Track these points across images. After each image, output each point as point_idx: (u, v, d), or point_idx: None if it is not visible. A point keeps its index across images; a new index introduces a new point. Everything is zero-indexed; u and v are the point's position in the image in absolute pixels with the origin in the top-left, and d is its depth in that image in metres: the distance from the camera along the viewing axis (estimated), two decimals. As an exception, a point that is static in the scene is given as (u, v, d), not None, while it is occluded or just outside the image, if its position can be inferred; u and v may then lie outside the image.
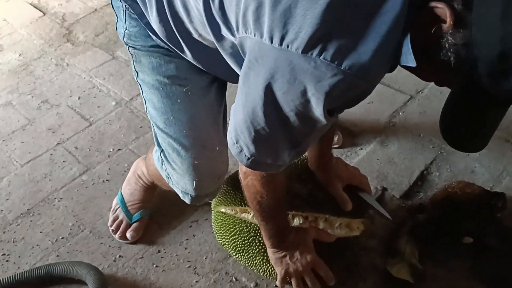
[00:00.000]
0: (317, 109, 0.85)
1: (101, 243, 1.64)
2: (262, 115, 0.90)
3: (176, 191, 1.42)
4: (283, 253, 1.30)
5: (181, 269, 1.54)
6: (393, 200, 1.69)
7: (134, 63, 1.27)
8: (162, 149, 1.35)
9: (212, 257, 1.57)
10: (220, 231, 1.46)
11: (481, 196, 1.58)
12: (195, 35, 1.09)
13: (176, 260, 1.57)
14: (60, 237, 1.66)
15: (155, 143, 1.38)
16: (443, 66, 0.80)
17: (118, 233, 1.61)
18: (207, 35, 1.05)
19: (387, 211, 1.63)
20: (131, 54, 1.27)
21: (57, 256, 1.60)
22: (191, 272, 1.53)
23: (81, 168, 1.90)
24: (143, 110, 1.67)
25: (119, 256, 1.60)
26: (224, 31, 0.96)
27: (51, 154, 1.96)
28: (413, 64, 0.81)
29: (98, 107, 2.17)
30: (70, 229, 1.69)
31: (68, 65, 2.42)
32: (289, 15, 0.79)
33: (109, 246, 1.63)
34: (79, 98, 2.22)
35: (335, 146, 1.87)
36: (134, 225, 1.61)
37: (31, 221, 1.72)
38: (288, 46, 0.80)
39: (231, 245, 1.42)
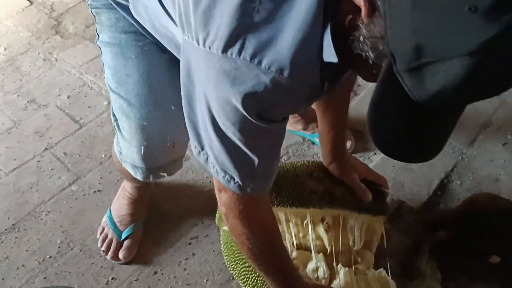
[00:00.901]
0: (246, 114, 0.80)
1: (92, 263, 1.50)
2: (213, 131, 0.86)
3: (127, 168, 1.24)
4: None
5: (180, 293, 1.41)
6: (411, 213, 1.55)
7: (97, 25, 1.19)
8: (116, 118, 1.21)
9: (214, 279, 1.43)
10: (226, 251, 1.32)
11: (508, 210, 1.44)
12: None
13: (174, 283, 1.44)
14: (48, 256, 1.53)
15: (111, 113, 1.23)
16: (365, 63, 0.68)
17: (109, 253, 1.48)
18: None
19: (404, 226, 1.50)
20: (94, 16, 1.18)
21: (44, 278, 1.47)
22: (191, 296, 1.40)
23: (71, 176, 1.75)
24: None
25: (112, 278, 1.46)
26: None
27: (38, 161, 1.81)
28: (334, 59, 0.74)
29: (89, 107, 2.01)
30: (59, 247, 1.55)
31: (56, 60, 2.25)
32: (209, 15, 0.77)
33: (101, 266, 1.49)
34: (68, 97, 2.06)
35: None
36: (125, 243, 1.48)
37: (16, 237, 1.58)
38: (210, 48, 0.77)
39: (238, 272, 1.28)
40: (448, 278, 1.38)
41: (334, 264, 1.25)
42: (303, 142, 1.81)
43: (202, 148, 0.92)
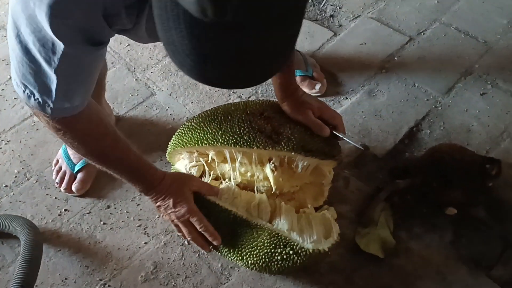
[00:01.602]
0: (48, 31, 0.81)
1: (46, 194, 1.49)
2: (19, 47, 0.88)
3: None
4: (156, 202, 1.22)
5: (130, 228, 1.40)
6: (373, 160, 1.50)
7: None
8: None
9: (166, 216, 1.42)
10: None
11: (472, 162, 1.38)
12: None
13: (126, 218, 1.43)
14: (4, 185, 1.52)
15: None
16: None
17: (62, 185, 1.46)
18: None
19: (365, 173, 1.46)
20: None
21: (-1, 206, 1.47)
22: (141, 232, 1.40)
23: (33, 107, 1.71)
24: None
25: (65, 210, 1.46)
26: None
27: (2, 90, 1.77)
28: None
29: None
30: (15, 177, 1.54)
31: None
32: None
33: (55, 198, 1.48)
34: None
35: (317, 94, 1.65)
36: (79, 176, 1.46)
37: (-26, 165, 1.57)
38: None
39: None
40: (400, 228, 1.35)
41: (277, 202, 1.23)
42: (273, 82, 1.74)
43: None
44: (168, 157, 1.37)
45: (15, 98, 1.74)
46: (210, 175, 1.29)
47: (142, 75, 1.79)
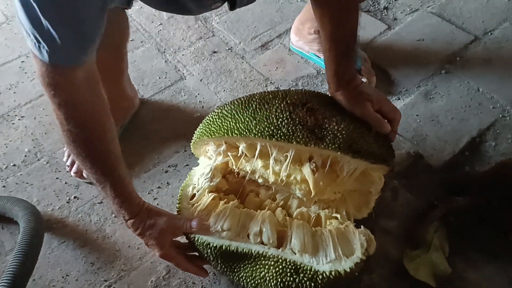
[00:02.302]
0: None
1: (56, 178, 1.35)
2: None
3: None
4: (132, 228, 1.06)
5: (144, 224, 1.24)
6: (427, 172, 1.30)
7: None
8: None
9: (185, 214, 1.25)
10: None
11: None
12: None
13: (140, 212, 1.27)
14: (12, 163, 1.38)
15: None
16: None
17: (73, 169, 1.32)
18: None
19: (417, 185, 1.26)
20: None
21: (3, 186, 1.33)
22: (155, 229, 1.23)
23: (53, 82, 1.58)
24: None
25: (74, 197, 1.30)
26: None
27: (22, 62, 1.65)
28: None
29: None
30: (25, 156, 1.40)
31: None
32: None
33: (65, 183, 1.33)
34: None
35: (365, 91, 1.45)
36: None
37: (-17, 139, 1.44)
38: None
39: None
40: (456, 253, 1.14)
41: (288, 219, 1.06)
42: (316, 75, 1.55)
43: None
44: (192, 147, 1.21)
45: (34, 72, 1.60)
46: (229, 173, 1.15)
47: (173, 57, 1.64)
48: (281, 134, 1.00)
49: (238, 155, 1.11)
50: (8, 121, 1.48)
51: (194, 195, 1.12)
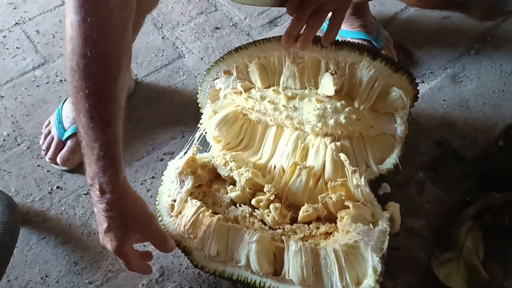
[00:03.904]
0: None
1: (38, 165, 1.19)
2: None
3: None
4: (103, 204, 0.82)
5: (136, 219, 1.09)
6: (457, 163, 1.15)
7: None
8: None
9: (182, 208, 1.10)
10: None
11: None
12: None
13: (131, 205, 1.12)
14: (-12, 149, 1.23)
15: None
16: None
17: (48, 153, 1.17)
18: None
19: (446, 179, 1.11)
20: None
21: (-22, 174, 1.18)
22: (148, 225, 1.08)
23: (37, 59, 1.42)
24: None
25: (57, 188, 1.15)
26: None
27: (4, 36, 1.48)
28: None
29: (77, -19, 1.63)
30: (3, 140, 1.24)
31: None
32: None
33: (48, 171, 1.18)
34: (55, -33, 1.69)
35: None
36: (68, 144, 1.16)
37: (-43, 121, 1.29)
38: None
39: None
40: (494, 258, 1.00)
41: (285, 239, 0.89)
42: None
43: None
44: (199, 95, 1.10)
45: (17, 48, 1.45)
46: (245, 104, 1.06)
47: (170, 33, 1.47)
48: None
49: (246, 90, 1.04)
50: (-15, 102, 1.33)
51: (173, 205, 0.97)
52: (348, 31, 1.33)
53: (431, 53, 1.37)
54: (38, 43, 1.46)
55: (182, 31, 1.48)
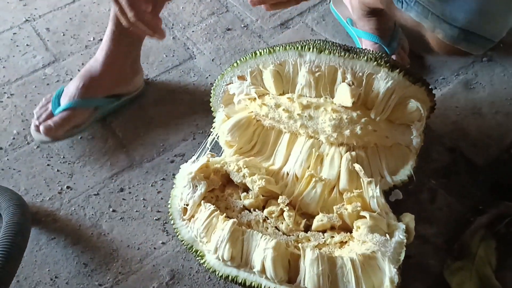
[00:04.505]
0: None
1: (48, 165, 1.19)
2: None
3: None
4: None
5: (146, 221, 1.09)
6: (470, 171, 1.14)
7: None
8: None
9: (193, 211, 1.10)
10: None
11: None
12: None
13: (142, 207, 1.11)
14: (-2, 147, 1.23)
15: None
16: None
17: (34, 120, 1.17)
18: None
19: (458, 186, 1.10)
20: None
21: (-13, 173, 1.18)
22: (159, 228, 1.08)
23: (48, 57, 1.41)
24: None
25: (67, 188, 1.15)
26: None
27: (14, 33, 1.48)
28: None
29: (87, -21, 1.63)
30: (13, 139, 1.24)
31: None
32: None
33: (58, 170, 1.18)
34: (66, -36, 1.68)
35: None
36: (55, 116, 1.16)
37: (-33, 118, 1.28)
38: None
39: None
40: (506, 267, 0.99)
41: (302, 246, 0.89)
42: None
43: None
44: (212, 99, 1.10)
45: (27, 45, 1.44)
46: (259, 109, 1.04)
47: (181, 34, 1.47)
48: (313, 45, 0.94)
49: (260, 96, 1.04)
50: (-5, 99, 1.32)
51: (185, 208, 0.97)
52: (360, 31, 1.32)
53: (443, 59, 1.36)
54: (48, 40, 1.45)
55: (193, 31, 1.47)
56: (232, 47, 1.43)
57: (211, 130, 1.10)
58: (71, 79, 1.36)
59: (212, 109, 1.12)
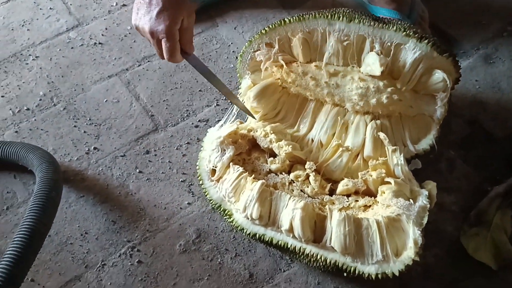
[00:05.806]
0: None
1: (75, 126, 1.22)
2: None
3: None
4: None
5: (172, 183, 1.12)
6: (487, 143, 1.17)
7: None
8: None
9: (217, 174, 1.13)
10: None
11: None
12: None
13: (168, 169, 1.14)
14: (25, 107, 1.25)
15: None
16: None
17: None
18: None
19: (476, 157, 1.13)
20: None
21: (16, 132, 1.20)
22: (185, 189, 1.11)
23: (71, 21, 1.42)
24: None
25: (94, 149, 1.18)
26: None
27: (37, -4, 1.49)
28: None
29: None
30: (40, 100, 1.26)
31: None
32: None
33: (84, 132, 1.21)
34: None
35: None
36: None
37: (-7, 79, 1.30)
38: None
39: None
40: (522, 234, 1.03)
41: (328, 207, 0.94)
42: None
43: None
44: (240, 59, 1.10)
45: (50, 8, 1.45)
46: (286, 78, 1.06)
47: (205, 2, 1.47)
48: (343, 14, 0.96)
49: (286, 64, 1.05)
50: (21, 61, 1.34)
51: (214, 170, 1.01)
52: (377, 7, 1.33)
53: (463, 33, 1.37)
54: (71, 4, 1.46)
55: (215, -1, 1.48)
56: (254, 15, 1.44)
57: (238, 96, 1.12)
58: (95, 43, 1.38)
59: (238, 75, 1.14)
